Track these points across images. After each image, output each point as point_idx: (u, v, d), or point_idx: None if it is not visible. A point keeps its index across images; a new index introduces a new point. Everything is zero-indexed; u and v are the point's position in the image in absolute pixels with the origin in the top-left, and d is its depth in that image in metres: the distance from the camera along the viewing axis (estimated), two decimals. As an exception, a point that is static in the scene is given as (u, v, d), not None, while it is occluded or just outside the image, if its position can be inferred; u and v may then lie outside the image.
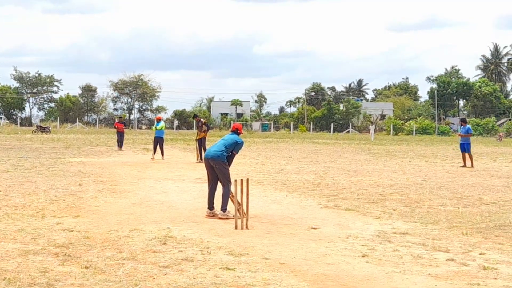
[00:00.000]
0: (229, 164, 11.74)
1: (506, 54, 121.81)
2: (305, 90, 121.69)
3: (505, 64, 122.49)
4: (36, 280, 6.69)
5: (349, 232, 10.16)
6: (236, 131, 12.05)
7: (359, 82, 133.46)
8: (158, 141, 27.15)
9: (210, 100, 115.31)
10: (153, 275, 7.09)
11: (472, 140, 29.98)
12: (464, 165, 25.37)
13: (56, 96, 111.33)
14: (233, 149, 11.69)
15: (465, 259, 8.40)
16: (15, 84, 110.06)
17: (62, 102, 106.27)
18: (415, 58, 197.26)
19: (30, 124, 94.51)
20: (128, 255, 8.05)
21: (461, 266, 7.98)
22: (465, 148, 25.84)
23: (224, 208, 11.39)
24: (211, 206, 11.63)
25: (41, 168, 20.69)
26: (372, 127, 67.07)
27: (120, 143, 34.06)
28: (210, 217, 11.40)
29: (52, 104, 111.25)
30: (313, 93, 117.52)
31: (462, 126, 26.87)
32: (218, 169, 11.54)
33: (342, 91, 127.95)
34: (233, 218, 10.61)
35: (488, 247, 9.19)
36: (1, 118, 62.17)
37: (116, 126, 36.01)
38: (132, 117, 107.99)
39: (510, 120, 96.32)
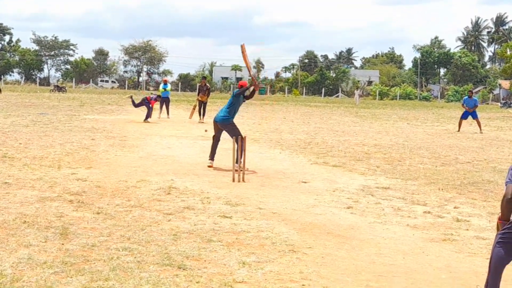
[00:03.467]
0: (251, 92, 12.30)
1: (486, 27, 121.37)
2: (299, 57, 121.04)
3: (485, 37, 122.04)
4: (53, 224, 6.73)
5: (336, 186, 10.21)
6: (241, 88, 12.27)
7: (349, 50, 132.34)
8: (165, 101, 27.03)
9: (212, 65, 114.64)
10: (158, 221, 7.14)
11: (450, 106, 29.89)
12: (459, 130, 24.71)
13: (71, 59, 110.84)
14: (233, 100, 11.98)
15: (441, 212, 8.46)
16: (34, 47, 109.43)
17: (77, 64, 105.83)
18: (402, 30, 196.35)
19: (48, 84, 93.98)
20: (136, 203, 8.09)
21: (436, 218, 8.04)
22: (474, 115, 25.24)
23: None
24: (212, 157, 11.96)
25: (58, 124, 20.65)
26: (357, 92, 66.68)
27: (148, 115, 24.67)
28: (211, 167, 11.66)
29: (68, 66, 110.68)
30: (306, 60, 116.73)
31: (469, 98, 26.08)
32: (228, 130, 11.86)
33: (333, 58, 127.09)
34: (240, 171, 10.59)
35: (461, 202, 9.25)
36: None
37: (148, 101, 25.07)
38: (140, 79, 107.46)
39: (485, 88, 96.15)
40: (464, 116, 25.38)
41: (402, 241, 6.79)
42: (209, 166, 11.78)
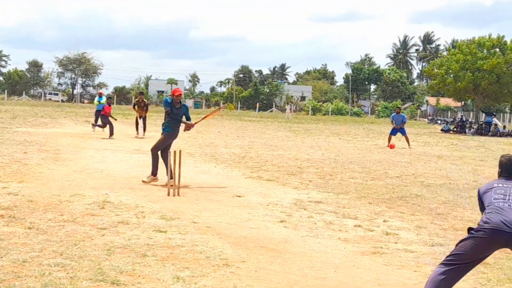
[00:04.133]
0: (189, 121, 11.69)
1: (414, 44, 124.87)
2: (234, 72, 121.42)
3: (413, 54, 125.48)
4: (-18, 239, 6.53)
5: (270, 200, 10.26)
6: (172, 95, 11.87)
7: (283, 66, 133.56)
8: (100, 114, 26.65)
9: (148, 79, 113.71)
10: (92, 236, 7.01)
11: (380, 121, 30.44)
12: (389, 145, 24.67)
13: (4, 70, 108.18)
14: (166, 111, 11.63)
15: (371, 225, 8.60)
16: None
17: (10, 75, 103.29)
18: (334, 47, 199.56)
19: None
20: (69, 218, 7.92)
21: (367, 232, 8.17)
22: (403, 132, 25.58)
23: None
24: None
25: (-11, 137, 20.06)
26: (288, 107, 67.06)
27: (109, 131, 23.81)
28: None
29: (0, 78, 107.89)
30: (241, 75, 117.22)
31: (397, 114, 26.30)
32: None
33: (267, 74, 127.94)
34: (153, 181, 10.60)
35: (391, 215, 9.43)
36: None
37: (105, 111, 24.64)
38: (75, 91, 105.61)
39: (413, 104, 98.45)
40: (393, 132, 25.78)
41: (334, 255, 6.87)
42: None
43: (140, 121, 25.19)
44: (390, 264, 6.59)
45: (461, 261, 4.89)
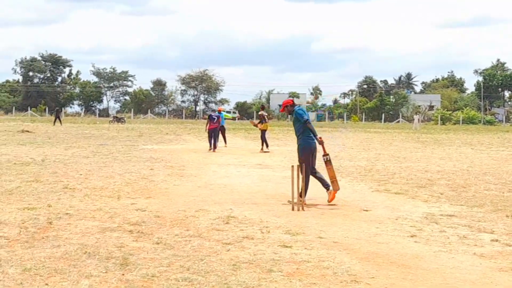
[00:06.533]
0: (313, 132, 11.21)
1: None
2: (358, 83, 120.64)
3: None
4: (113, 254, 6.82)
5: (399, 214, 10.05)
6: (288, 107, 11.57)
7: (408, 75, 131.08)
8: (221, 130, 27.28)
9: (270, 93, 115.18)
10: (217, 251, 7.15)
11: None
12: None
13: (130, 89, 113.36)
14: (299, 123, 11.18)
15: (509, 240, 8.21)
16: (94, 78, 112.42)
17: (136, 95, 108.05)
18: (462, 54, 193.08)
19: (107, 115, 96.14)
20: (195, 233, 8.12)
21: (505, 247, 7.81)
22: None
23: (326, 186, 11.14)
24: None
25: (117, 154, 21.05)
26: (416, 117, 65.68)
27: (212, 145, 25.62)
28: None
29: (127, 97, 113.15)
30: (365, 86, 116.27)
31: None
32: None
33: (392, 83, 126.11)
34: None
35: (531, 229, 8.97)
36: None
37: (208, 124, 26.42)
38: (198, 108, 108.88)
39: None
40: None
41: (469, 271, 6.61)
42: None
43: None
44: (533, 282, 6.25)
45: None
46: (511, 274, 6.50)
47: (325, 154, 11.44)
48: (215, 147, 24.71)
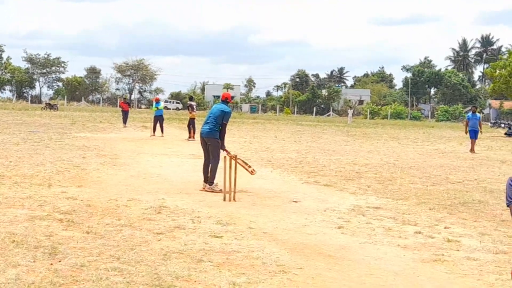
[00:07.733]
0: (223, 135, 11.57)
1: (473, 47, 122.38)
2: (291, 76, 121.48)
3: (472, 56, 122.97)
4: (42, 243, 6.67)
5: (327, 206, 10.18)
6: (226, 101, 11.90)
7: (340, 70, 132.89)
8: (159, 119, 27.13)
9: (204, 84, 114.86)
10: (148, 240, 7.08)
11: (440, 125, 29.92)
12: (472, 150, 24.14)
13: (63, 76, 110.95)
14: (222, 119, 11.50)
15: (431, 232, 8.43)
16: (26, 65, 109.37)
17: (69, 82, 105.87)
18: (393, 50, 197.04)
19: (40, 102, 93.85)
20: (126, 222, 8.03)
21: (427, 238, 8.01)
22: (474, 135, 24.63)
23: (211, 181, 11.36)
24: (205, 179, 11.56)
25: (49, 142, 20.58)
26: (350, 111, 66.82)
27: (124, 121, 34.54)
28: (204, 190, 11.34)
29: (60, 84, 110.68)
30: (298, 79, 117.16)
31: (473, 113, 25.49)
32: (210, 145, 11.51)
33: (324, 78, 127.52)
34: (220, 192, 10.63)
35: (452, 222, 9.23)
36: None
37: (121, 106, 36.71)
38: (132, 97, 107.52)
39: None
40: (473, 136, 24.70)
41: (393, 262, 6.75)
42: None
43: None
44: (452, 272, 6.43)
45: None
46: (433, 265, 6.68)
47: (228, 153, 11.27)
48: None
